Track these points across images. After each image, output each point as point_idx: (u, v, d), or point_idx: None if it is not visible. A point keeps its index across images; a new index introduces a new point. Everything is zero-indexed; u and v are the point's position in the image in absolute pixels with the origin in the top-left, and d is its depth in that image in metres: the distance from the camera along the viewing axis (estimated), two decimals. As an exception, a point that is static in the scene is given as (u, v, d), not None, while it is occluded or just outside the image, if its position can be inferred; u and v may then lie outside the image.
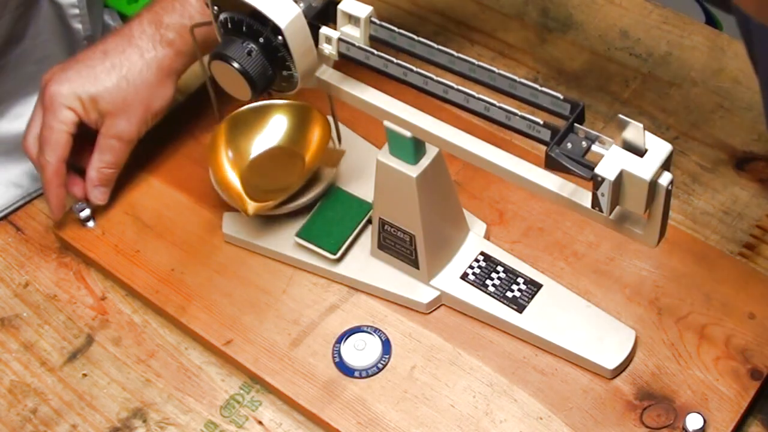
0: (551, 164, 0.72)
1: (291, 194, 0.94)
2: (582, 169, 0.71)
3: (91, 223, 1.00)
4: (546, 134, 0.73)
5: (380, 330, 0.91)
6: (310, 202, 0.95)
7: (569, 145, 0.72)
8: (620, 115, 0.71)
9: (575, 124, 0.72)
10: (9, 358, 0.94)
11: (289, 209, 0.95)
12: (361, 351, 0.89)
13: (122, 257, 0.97)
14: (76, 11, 1.01)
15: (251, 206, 0.93)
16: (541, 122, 0.73)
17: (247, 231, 0.96)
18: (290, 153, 0.97)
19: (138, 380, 0.92)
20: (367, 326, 0.91)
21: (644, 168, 0.70)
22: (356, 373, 0.89)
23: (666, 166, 0.71)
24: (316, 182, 0.96)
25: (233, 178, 0.96)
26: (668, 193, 0.72)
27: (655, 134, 0.71)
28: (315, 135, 0.97)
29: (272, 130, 0.98)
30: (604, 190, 0.71)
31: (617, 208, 0.74)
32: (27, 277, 0.99)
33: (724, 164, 0.99)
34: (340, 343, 0.90)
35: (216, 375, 0.92)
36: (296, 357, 0.90)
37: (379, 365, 0.89)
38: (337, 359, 0.90)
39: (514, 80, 0.75)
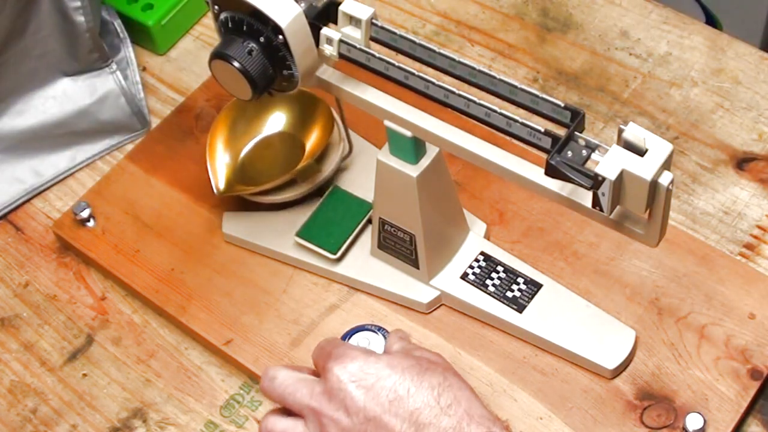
0: (551, 172, 0.72)
1: (273, 186, 0.94)
2: (582, 177, 0.71)
3: (91, 223, 1.00)
4: (547, 142, 0.73)
5: (384, 329, 0.90)
6: (289, 201, 0.95)
7: (569, 154, 0.72)
8: (621, 125, 0.71)
9: (575, 133, 0.72)
10: (9, 358, 0.94)
11: (265, 200, 0.95)
12: (362, 350, 0.89)
13: (122, 257, 0.97)
14: (78, 3, 0.99)
15: (222, 187, 0.95)
16: (542, 130, 0.73)
17: (247, 231, 0.96)
18: (292, 142, 0.98)
19: (138, 380, 0.92)
20: (372, 325, 0.91)
21: (645, 167, 0.70)
22: (356, 373, 0.89)
23: (667, 165, 0.71)
24: (300, 182, 0.96)
25: (221, 156, 0.97)
26: (669, 193, 0.72)
27: (655, 134, 0.71)
28: (318, 126, 0.97)
29: (277, 118, 0.99)
30: (605, 189, 0.71)
31: (617, 207, 0.74)
32: (27, 277, 0.99)
33: (724, 164, 0.99)
34: (344, 340, 0.90)
35: (216, 375, 0.92)
36: (296, 357, 0.90)
37: (380, 365, 0.89)
38: (337, 359, 0.89)
39: (515, 86, 0.75)
